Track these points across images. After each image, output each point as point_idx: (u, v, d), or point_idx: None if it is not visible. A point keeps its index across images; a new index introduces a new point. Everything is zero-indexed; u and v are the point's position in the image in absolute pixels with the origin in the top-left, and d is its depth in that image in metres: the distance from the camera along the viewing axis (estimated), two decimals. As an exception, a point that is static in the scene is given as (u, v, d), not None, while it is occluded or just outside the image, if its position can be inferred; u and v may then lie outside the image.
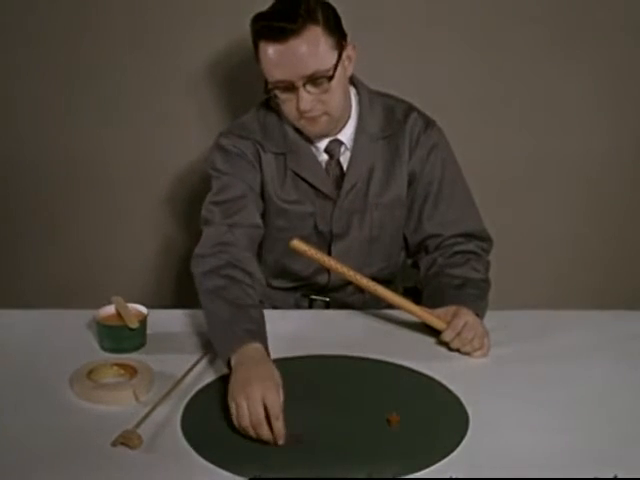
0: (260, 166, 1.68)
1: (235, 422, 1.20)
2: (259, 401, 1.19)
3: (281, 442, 1.17)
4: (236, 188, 1.64)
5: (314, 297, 1.79)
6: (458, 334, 1.44)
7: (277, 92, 1.58)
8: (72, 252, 2.29)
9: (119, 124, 2.18)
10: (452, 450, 1.16)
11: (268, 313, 1.56)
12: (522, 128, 2.20)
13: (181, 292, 2.24)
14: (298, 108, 1.58)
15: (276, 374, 1.25)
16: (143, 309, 1.50)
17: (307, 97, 1.56)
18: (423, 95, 1.85)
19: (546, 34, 2.11)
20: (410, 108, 1.74)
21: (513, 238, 2.22)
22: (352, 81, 1.71)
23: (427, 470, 1.11)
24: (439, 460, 1.13)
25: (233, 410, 1.20)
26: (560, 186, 2.25)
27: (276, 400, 1.19)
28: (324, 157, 1.69)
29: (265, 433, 1.17)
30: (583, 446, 1.18)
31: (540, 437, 1.20)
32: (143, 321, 1.47)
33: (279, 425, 1.18)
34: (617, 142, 2.22)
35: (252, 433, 1.18)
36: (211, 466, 1.12)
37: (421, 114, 1.74)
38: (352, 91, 1.70)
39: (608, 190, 2.25)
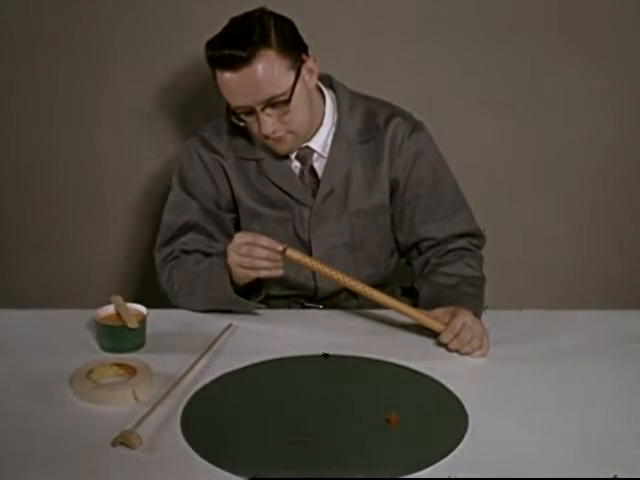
0: (225, 174, 1.67)
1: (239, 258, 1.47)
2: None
3: (281, 248, 1.44)
4: (187, 213, 1.67)
5: (307, 304, 1.76)
6: (456, 335, 1.43)
7: (241, 115, 1.56)
8: (70, 252, 2.28)
9: (114, 123, 2.18)
10: (451, 450, 1.16)
11: (267, 313, 1.56)
12: (523, 128, 2.20)
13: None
14: (260, 131, 1.56)
15: None
16: (142, 309, 1.49)
17: (268, 120, 1.54)
18: (424, 94, 1.85)
19: (549, 32, 2.11)
20: (393, 113, 1.69)
21: (512, 238, 2.22)
22: (331, 85, 1.68)
23: (426, 470, 1.11)
24: (438, 460, 1.13)
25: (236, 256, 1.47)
26: (559, 186, 2.25)
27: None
28: (297, 164, 1.67)
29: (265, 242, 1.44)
30: (583, 446, 1.18)
31: (540, 437, 1.19)
32: (142, 321, 1.46)
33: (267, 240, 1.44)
34: (618, 144, 2.21)
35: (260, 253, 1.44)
36: (211, 466, 1.11)
37: (406, 118, 1.69)
38: (330, 95, 1.67)
39: (607, 191, 2.25)
